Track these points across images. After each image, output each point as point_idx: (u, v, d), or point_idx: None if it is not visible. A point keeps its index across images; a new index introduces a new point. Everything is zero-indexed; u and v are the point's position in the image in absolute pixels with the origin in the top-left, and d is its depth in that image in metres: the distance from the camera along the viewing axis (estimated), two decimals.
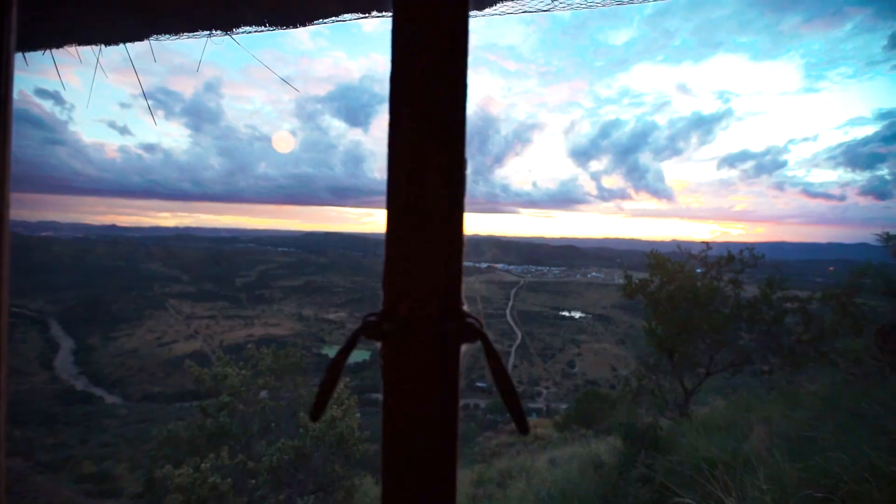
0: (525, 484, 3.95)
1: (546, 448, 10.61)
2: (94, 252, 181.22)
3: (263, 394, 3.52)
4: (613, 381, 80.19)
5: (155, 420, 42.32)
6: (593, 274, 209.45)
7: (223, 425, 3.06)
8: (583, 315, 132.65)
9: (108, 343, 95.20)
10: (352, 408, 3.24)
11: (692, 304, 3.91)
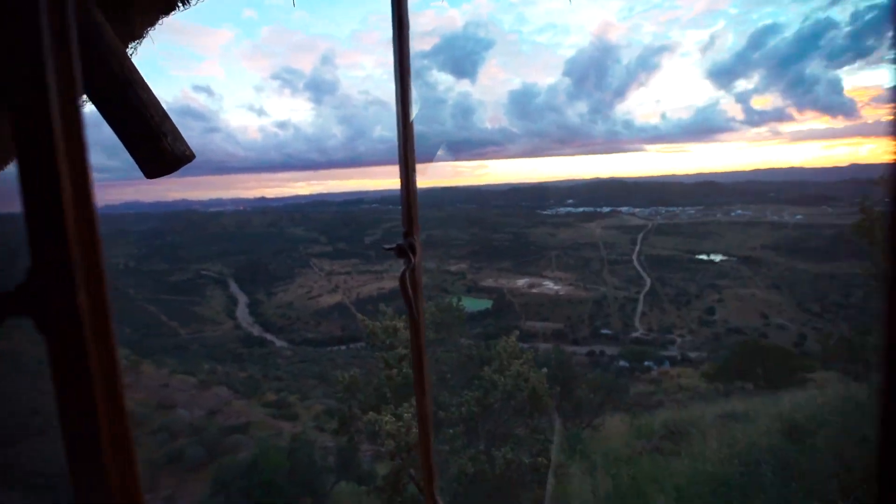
0: (713, 442, 3.56)
1: (702, 400, 9.75)
2: (251, 222, 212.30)
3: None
4: (765, 329, 71.06)
5: (313, 360, 49.50)
6: (738, 212, 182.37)
7: (407, 376, 3.23)
8: (725, 258, 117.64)
9: (271, 297, 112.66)
10: (530, 360, 3.19)
11: None
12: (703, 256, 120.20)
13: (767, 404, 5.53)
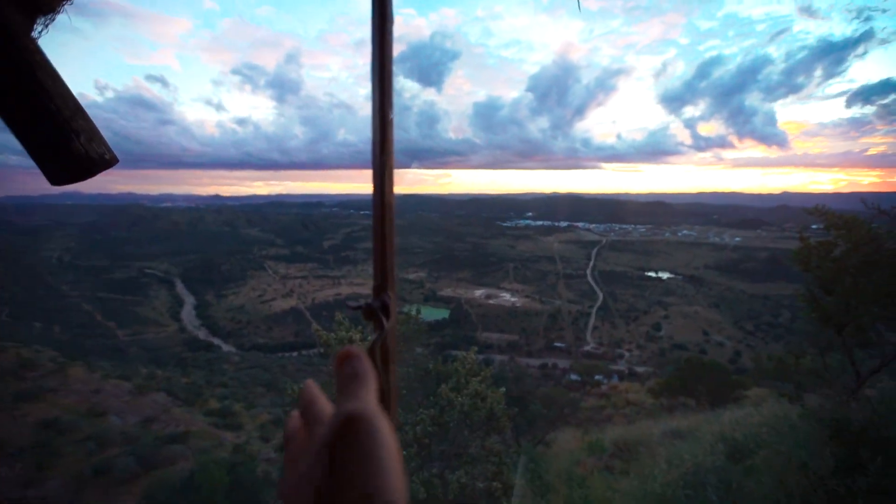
0: (660, 461, 3.63)
1: (649, 416, 10.10)
2: (204, 220, 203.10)
3: None
4: (705, 345, 75.19)
5: (263, 367, 47.60)
6: (684, 232, 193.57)
7: None
8: (671, 276, 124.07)
9: (220, 300, 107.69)
10: (487, 378, 3.12)
11: (889, 270, 3.21)
12: (652, 273, 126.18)
13: (709, 421, 5.77)
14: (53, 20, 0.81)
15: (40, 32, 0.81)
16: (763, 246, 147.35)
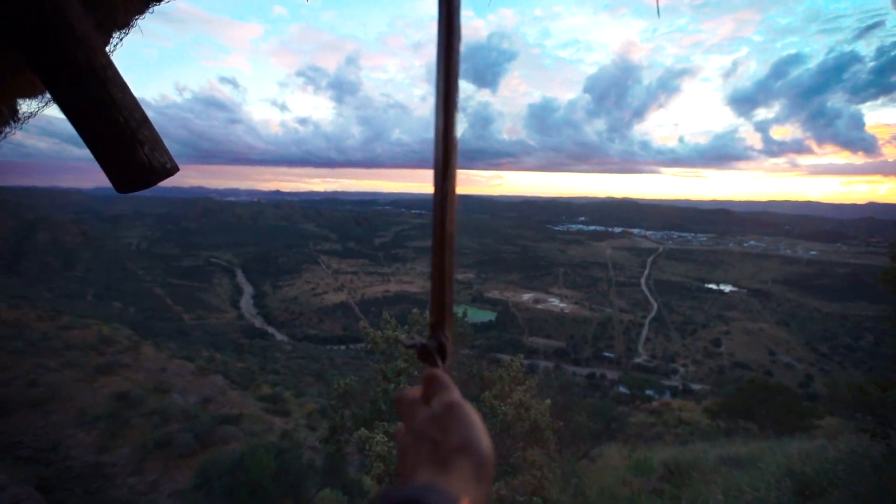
0: (715, 490, 3.36)
1: (703, 438, 9.46)
2: (264, 214, 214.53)
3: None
4: (771, 366, 69.66)
5: (312, 358, 49.48)
6: (751, 242, 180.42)
7: None
8: (735, 289, 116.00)
9: (276, 290, 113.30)
10: (532, 387, 3.02)
11: None
12: (713, 286, 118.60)
13: (773, 450, 5.30)
14: (128, 33, 0.85)
15: (115, 46, 0.85)
16: (843, 261, 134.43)
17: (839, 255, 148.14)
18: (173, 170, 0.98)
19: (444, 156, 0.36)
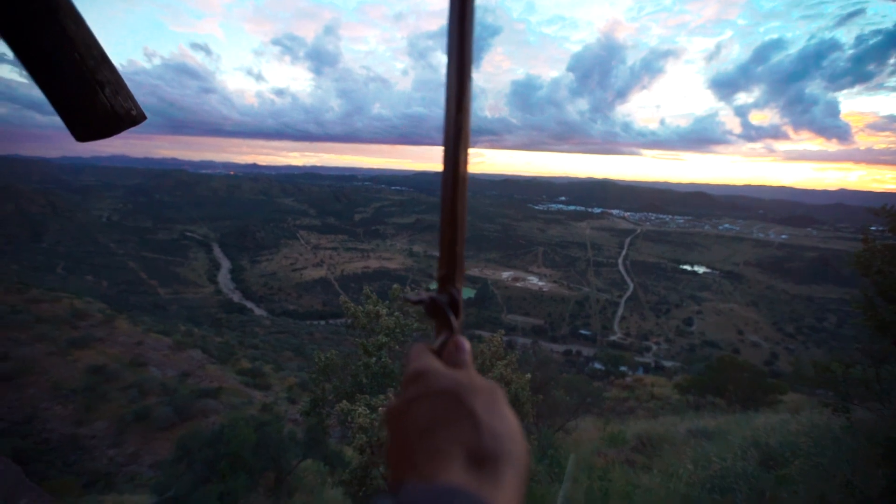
0: (685, 460, 3.53)
1: (673, 412, 9.87)
2: (241, 188, 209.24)
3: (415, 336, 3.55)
4: (739, 345, 72.62)
5: (292, 333, 49.33)
6: (726, 226, 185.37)
7: (385, 366, 3.10)
8: (708, 270, 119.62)
9: (254, 265, 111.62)
10: (513, 362, 3.06)
11: None
12: (688, 267, 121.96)
13: (740, 423, 5.56)
14: None
15: None
16: (812, 245, 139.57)
17: (809, 240, 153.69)
18: (140, 118, 0.85)
19: (459, 92, 0.33)
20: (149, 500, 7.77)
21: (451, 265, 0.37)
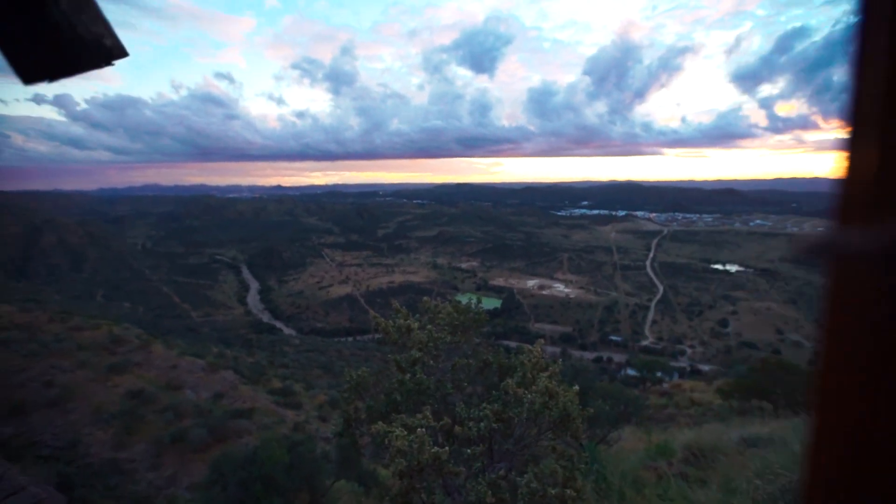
0: (745, 472, 3.25)
1: (717, 419, 9.36)
2: (267, 209, 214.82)
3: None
4: (779, 345, 69.40)
5: (320, 351, 49.80)
6: (757, 221, 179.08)
7: (421, 382, 2.98)
8: (741, 269, 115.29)
9: (282, 285, 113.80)
10: (556, 374, 2.89)
11: None
12: (719, 266, 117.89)
13: (796, 430, 5.18)
14: None
15: None
16: None
17: None
18: (117, 51, 0.58)
19: None
20: None
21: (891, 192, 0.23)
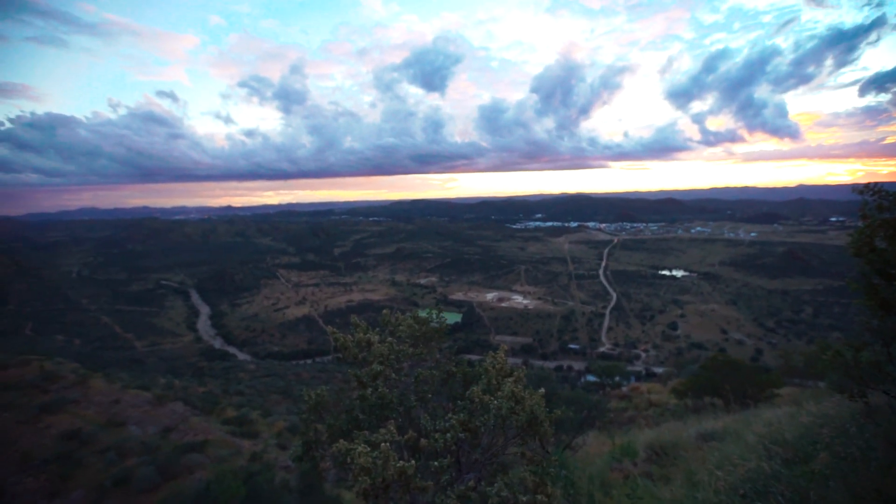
0: (704, 467, 3.35)
1: (675, 417, 9.71)
2: (217, 231, 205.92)
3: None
4: (724, 344, 73.52)
5: (278, 375, 47.73)
6: (698, 229, 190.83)
7: (383, 396, 2.87)
8: (686, 273, 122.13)
9: (234, 309, 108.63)
10: (521, 378, 2.87)
11: None
12: (666, 272, 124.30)
13: (748, 422, 5.44)
14: None
15: None
16: (780, 240, 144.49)
17: (777, 235, 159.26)
18: None
19: None
20: None
21: None
